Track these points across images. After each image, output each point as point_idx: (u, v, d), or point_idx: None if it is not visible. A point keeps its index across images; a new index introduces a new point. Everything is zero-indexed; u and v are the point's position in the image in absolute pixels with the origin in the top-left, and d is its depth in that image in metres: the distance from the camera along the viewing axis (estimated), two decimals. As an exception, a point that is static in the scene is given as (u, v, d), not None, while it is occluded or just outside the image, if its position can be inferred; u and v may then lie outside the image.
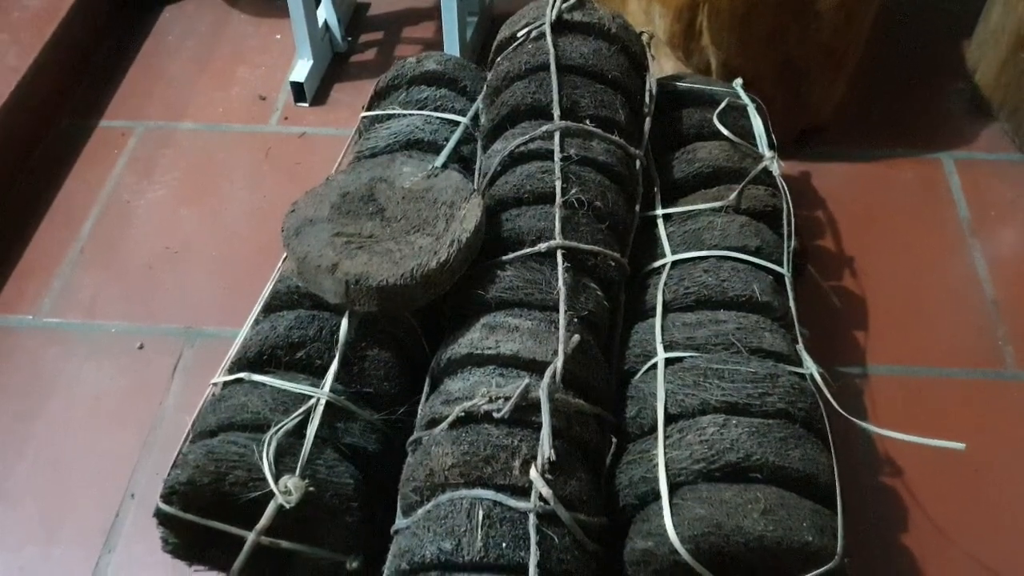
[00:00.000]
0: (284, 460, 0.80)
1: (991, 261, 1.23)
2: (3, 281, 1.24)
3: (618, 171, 1.00)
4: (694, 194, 1.07)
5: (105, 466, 1.04)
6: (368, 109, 1.21)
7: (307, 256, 0.88)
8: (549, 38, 1.04)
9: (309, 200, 0.96)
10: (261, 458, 0.79)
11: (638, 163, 1.04)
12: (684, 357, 0.89)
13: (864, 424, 0.93)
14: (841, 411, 0.91)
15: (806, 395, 0.86)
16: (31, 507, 1.01)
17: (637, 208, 1.04)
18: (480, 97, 1.14)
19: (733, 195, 1.03)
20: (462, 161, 1.10)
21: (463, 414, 0.80)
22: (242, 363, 0.90)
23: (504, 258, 0.92)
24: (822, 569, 0.75)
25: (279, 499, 0.78)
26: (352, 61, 1.56)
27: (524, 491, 0.75)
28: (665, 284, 0.97)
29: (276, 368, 0.89)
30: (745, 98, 1.16)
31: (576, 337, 0.85)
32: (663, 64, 1.33)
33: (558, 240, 0.91)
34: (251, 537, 0.79)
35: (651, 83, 1.11)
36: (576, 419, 0.82)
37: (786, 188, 1.07)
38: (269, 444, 0.80)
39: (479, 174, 1.06)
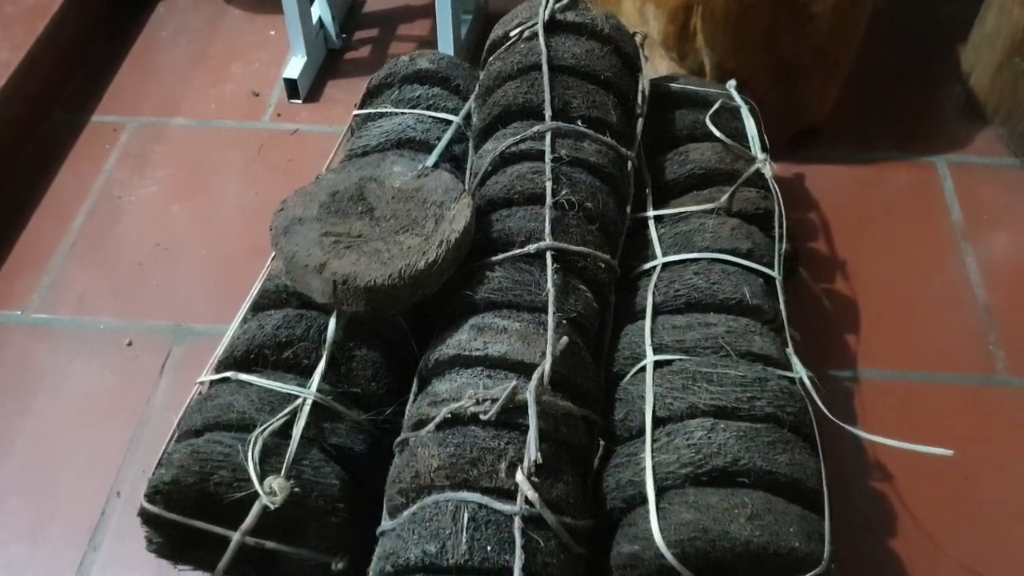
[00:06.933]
0: (270, 460, 0.80)
1: (983, 265, 1.23)
2: (-8, 276, 1.23)
3: (609, 172, 0.99)
4: (686, 196, 1.07)
5: (92, 464, 1.04)
6: (360, 107, 1.20)
7: (295, 255, 0.88)
8: (542, 38, 1.04)
9: (298, 199, 0.95)
10: (246, 458, 0.79)
11: (630, 164, 1.04)
12: (673, 360, 0.88)
13: (853, 429, 0.92)
14: (830, 415, 0.90)
15: (795, 399, 0.86)
16: (17, 504, 1.01)
17: (628, 209, 1.03)
18: (472, 96, 1.13)
19: (724, 197, 1.02)
20: (454, 160, 1.10)
21: (450, 416, 0.80)
22: (229, 362, 0.90)
23: (493, 259, 0.92)
24: (809, 575, 0.75)
25: (264, 500, 0.77)
26: (346, 58, 1.56)
27: (510, 494, 0.75)
28: (655, 286, 0.97)
29: (263, 367, 0.89)
30: (739, 100, 1.16)
31: (564, 339, 0.84)
32: (657, 65, 1.33)
33: (548, 241, 0.91)
34: (236, 537, 0.79)
35: (644, 84, 1.11)
36: (564, 421, 0.82)
37: (778, 191, 1.07)
38: (254, 444, 0.80)
39: (470, 174, 1.06)
